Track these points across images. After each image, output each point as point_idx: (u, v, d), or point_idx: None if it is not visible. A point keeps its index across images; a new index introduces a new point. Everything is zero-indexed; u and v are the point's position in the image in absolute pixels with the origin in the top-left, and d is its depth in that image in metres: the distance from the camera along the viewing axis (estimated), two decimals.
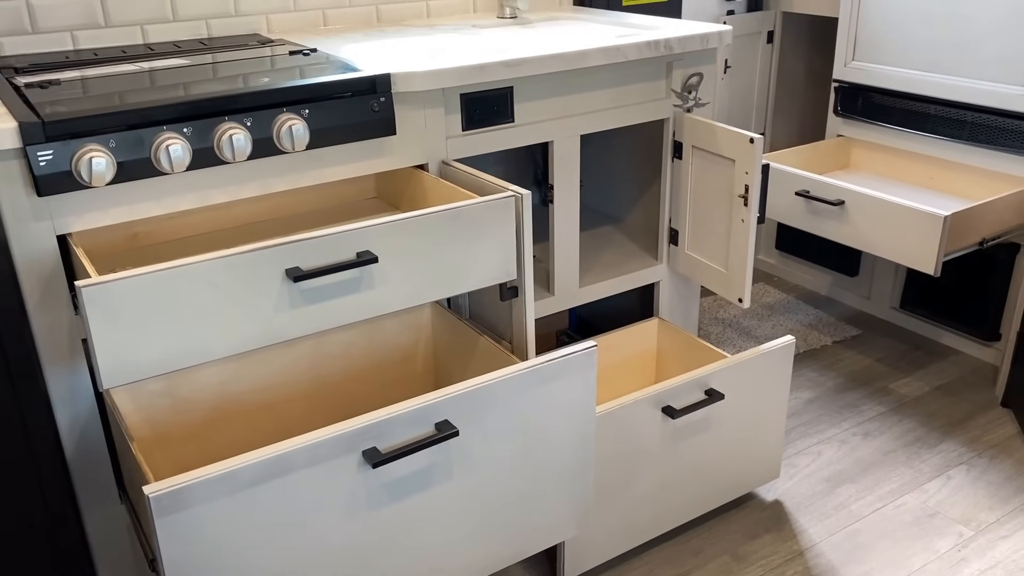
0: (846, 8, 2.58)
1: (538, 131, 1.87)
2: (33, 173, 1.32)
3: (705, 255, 2.06)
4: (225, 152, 1.45)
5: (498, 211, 1.52)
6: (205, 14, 2.01)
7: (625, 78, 1.95)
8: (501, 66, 1.72)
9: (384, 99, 1.61)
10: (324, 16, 2.16)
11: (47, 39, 1.85)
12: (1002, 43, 2.23)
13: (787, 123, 3.14)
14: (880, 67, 2.54)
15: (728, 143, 1.90)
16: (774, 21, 2.94)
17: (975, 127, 2.36)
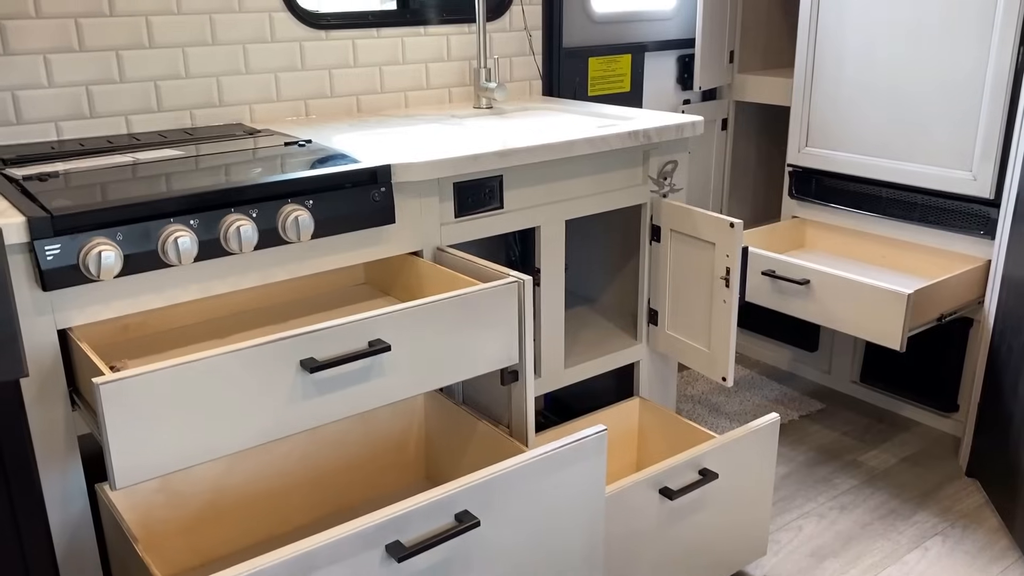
0: (798, 98, 2.74)
1: (526, 217, 1.91)
2: (39, 267, 1.29)
3: (686, 335, 2.11)
4: (231, 243, 1.44)
5: (502, 297, 1.54)
6: (189, 104, 2.02)
7: (606, 166, 2.02)
8: (494, 156, 1.77)
9: (384, 189, 1.63)
10: (306, 106, 2.19)
11: (31, 129, 1.83)
12: (948, 130, 2.39)
13: (741, 204, 3.27)
14: (832, 152, 2.68)
15: (708, 227, 1.97)
16: (728, 109, 3.09)
17: (925, 209, 2.50)
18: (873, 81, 2.53)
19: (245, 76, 2.07)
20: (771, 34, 3.14)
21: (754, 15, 3.04)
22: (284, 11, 2.10)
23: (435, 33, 2.38)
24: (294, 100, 2.17)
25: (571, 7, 2.62)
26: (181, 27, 1.96)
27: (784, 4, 3.11)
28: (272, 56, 2.10)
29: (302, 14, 2.13)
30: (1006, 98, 2.25)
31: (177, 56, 1.97)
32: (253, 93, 2.10)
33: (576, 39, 2.67)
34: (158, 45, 1.94)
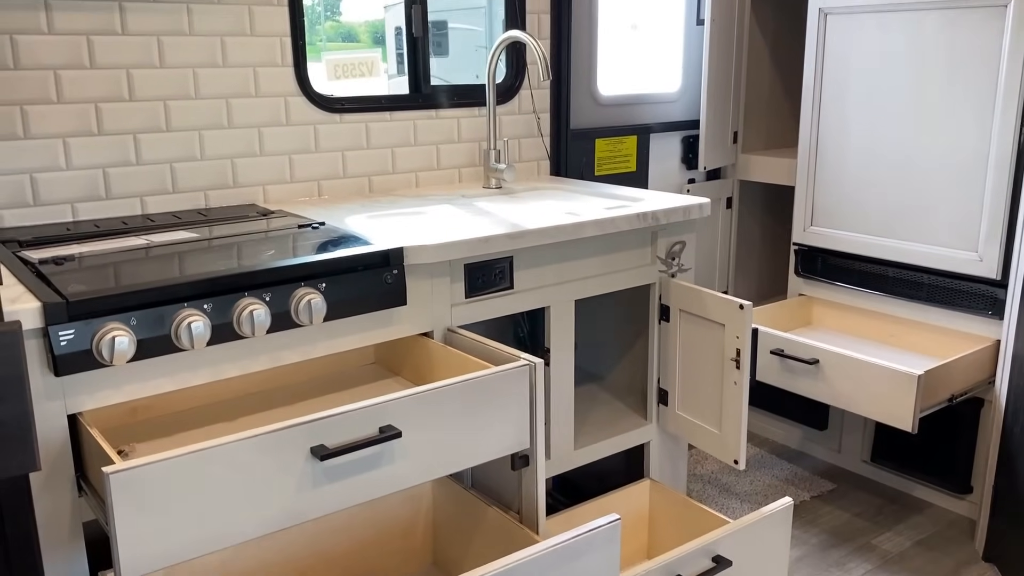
0: (802, 178, 2.77)
1: (536, 297, 1.92)
2: (52, 353, 1.29)
3: (697, 416, 2.09)
4: (244, 328, 1.44)
5: (513, 380, 1.54)
6: (204, 185, 2.05)
7: (615, 246, 2.03)
8: (504, 238, 1.79)
9: (396, 271, 1.64)
10: (319, 187, 2.22)
11: (48, 211, 1.85)
12: (951, 211, 2.41)
13: (747, 281, 3.28)
14: (837, 232, 2.70)
15: (717, 308, 1.98)
16: (732, 188, 3.13)
17: (932, 288, 2.51)
18: (877, 162, 2.57)
19: (260, 158, 2.11)
20: (773, 115, 3.20)
21: (757, 96, 3.10)
22: (300, 96, 2.14)
23: (446, 116, 2.43)
24: (307, 181, 2.20)
25: (578, 91, 2.68)
26: (199, 111, 2.00)
27: (786, 86, 3.18)
28: (287, 139, 2.14)
29: (317, 99, 2.17)
30: (1009, 179, 2.28)
31: (193, 139, 2.01)
32: (267, 174, 2.13)
33: (583, 121, 2.72)
34: (175, 128, 1.98)
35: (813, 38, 2.66)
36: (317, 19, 4.42)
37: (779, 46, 3.12)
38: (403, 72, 2.43)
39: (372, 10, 4.27)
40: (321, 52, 4.41)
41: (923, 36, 2.40)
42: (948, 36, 2.34)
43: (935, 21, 2.37)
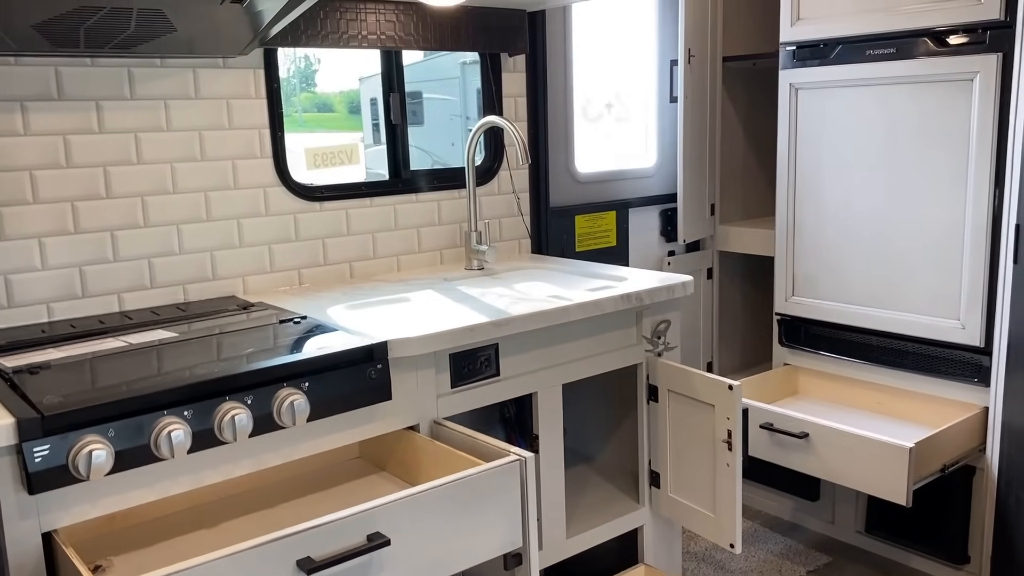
0: (781, 249, 2.79)
1: (523, 383, 1.89)
2: (26, 470, 1.24)
3: (690, 498, 2.06)
4: (226, 433, 1.40)
5: (504, 477, 1.50)
6: (183, 279, 2.02)
7: (600, 328, 2.02)
8: (490, 326, 1.77)
9: (380, 366, 1.62)
10: (300, 275, 2.20)
11: (22, 312, 1.82)
12: (931, 280, 2.43)
13: (731, 350, 3.28)
14: (819, 302, 2.71)
15: (706, 389, 1.96)
16: (712, 259, 3.14)
17: (916, 357, 2.51)
18: (854, 232, 2.59)
19: (239, 249, 2.09)
20: (749, 185, 3.24)
21: (732, 168, 3.14)
22: (279, 186, 2.14)
23: (427, 199, 2.43)
24: (288, 270, 2.18)
25: (556, 169, 2.70)
26: (177, 205, 1.99)
27: (760, 156, 3.23)
28: (266, 229, 2.13)
29: (296, 188, 2.17)
30: (986, 247, 2.30)
31: (172, 233, 1.99)
32: (247, 265, 2.11)
33: (562, 199, 2.74)
34: (153, 224, 1.96)
35: (785, 112, 2.71)
36: (293, 91, 4.46)
37: (751, 118, 3.17)
38: (379, 141, 2.44)
39: (347, 81, 4.31)
40: (297, 123, 4.44)
41: (894, 109, 2.45)
42: (918, 108, 2.39)
43: (905, 94, 2.42)
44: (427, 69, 4.01)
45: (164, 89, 1.94)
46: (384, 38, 2.20)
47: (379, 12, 2.17)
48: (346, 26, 2.13)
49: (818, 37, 2.59)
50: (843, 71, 2.54)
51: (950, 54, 2.31)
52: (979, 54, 2.25)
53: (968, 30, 2.26)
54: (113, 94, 1.88)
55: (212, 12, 1.69)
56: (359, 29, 2.15)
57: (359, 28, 2.15)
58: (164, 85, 1.94)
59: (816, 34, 2.59)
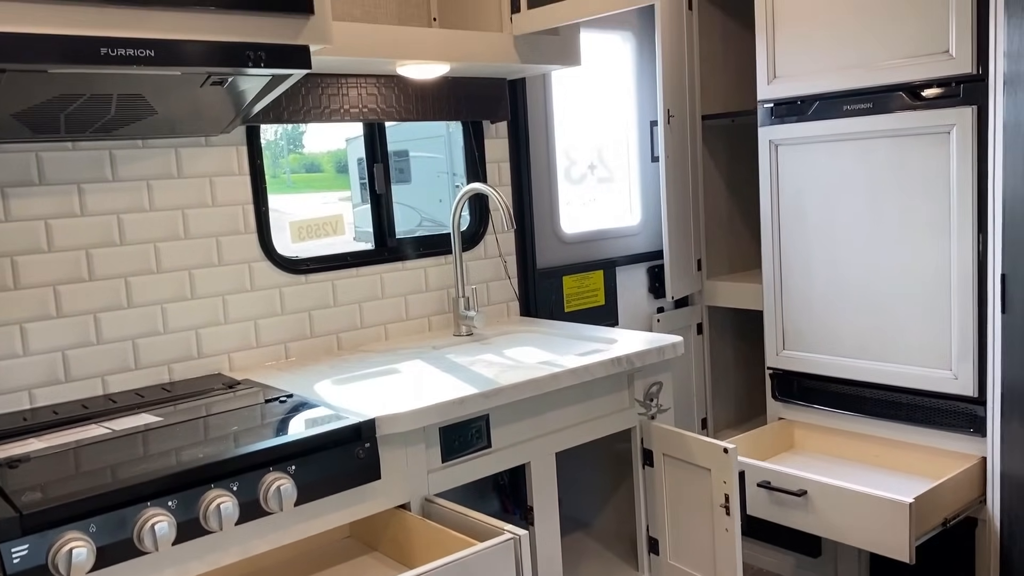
0: (769, 303, 2.79)
1: (515, 454, 1.87)
2: (4, 571, 1.20)
3: (690, 564, 2.01)
4: (211, 522, 1.37)
5: (498, 557, 1.47)
6: (168, 359, 1.99)
7: (592, 393, 2.00)
8: (479, 397, 1.75)
9: (369, 444, 1.59)
10: (286, 349, 2.18)
11: (3, 400, 1.78)
12: (921, 330, 2.43)
13: (725, 406, 3.25)
14: (810, 355, 2.70)
15: (702, 452, 1.93)
16: (701, 314, 3.14)
17: (911, 408, 2.49)
18: (842, 284, 2.59)
19: (224, 326, 2.07)
20: (734, 239, 3.25)
21: (716, 223, 3.16)
22: (264, 260, 2.13)
23: (413, 267, 2.43)
24: (274, 344, 2.16)
25: (542, 231, 2.71)
26: (161, 285, 1.98)
27: (743, 210, 3.24)
28: (252, 304, 2.11)
29: (282, 262, 2.16)
30: (974, 296, 2.30)
31: (156, 313, 1.97)
32: (232, 342, 2.09)
33: (549, 260, 2.74)
34: (137, 304, 1.95)
35: (766, 168, 2.73)
36: (280, 152, 4.48)
37: (733, 173, 3.20)
38: (366, 200, 2.43)
39: (334, 141, 4.35)
40: (286, 185, 4.46)
41: (874, 162, 2.47)
42: (898, 161, 2.42)
43: (884, 148, 2.44)
44: (413, 128, 4.06)
45: (146, 170, 1.95)
46: (366, 111, 2.21)
47: (360, 86, 2.19)
48: (328, 101, 2.14)
49: (795, 94, 2.63)
50: (821, 127, 2.57)
51: (926, 108, 2.34)
52: (954, 107, 2.28)
53: (943, 84, 2.30)
54: (95, 177, 1.88)
55: (194, 94, 1.70)
56: (341, 103, 2.16)
57: (341, 102, 2.16)
58: (146, 166, 1.94)
59: (793, 91, 2.63)
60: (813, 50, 2.55)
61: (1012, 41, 2.04)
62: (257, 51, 1.58)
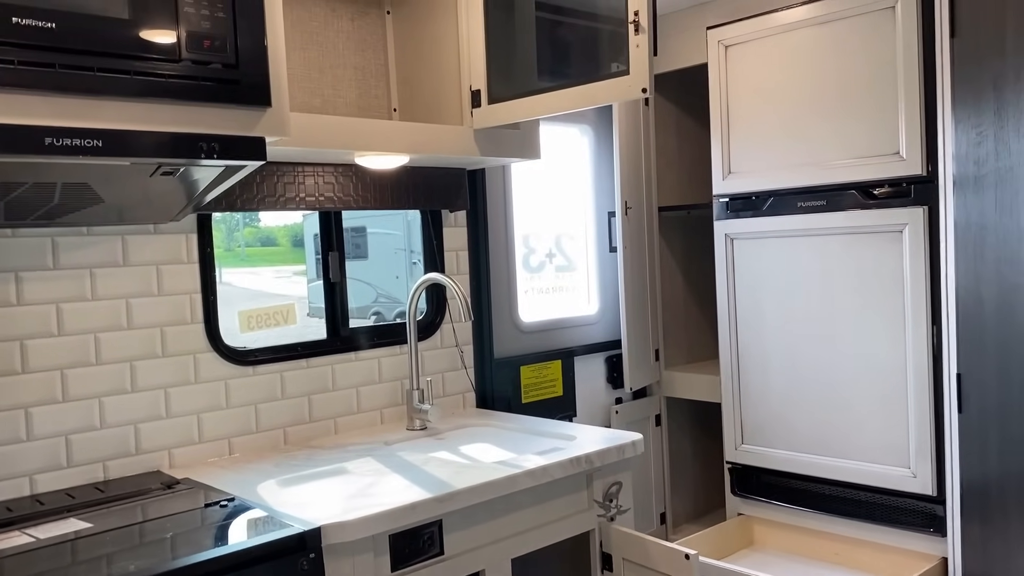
0: (727, 396, 2.77)
1: (469, 561, 1.78)
2: None
3: None
4: None
5: None
6: (103, 456, 1.88)
7: (549, 494, 1.93)
8: (432, 502, 1.67)
9: (314, 555, 1.50)
10: (230, 444, 2.08)
11: None
12: (878, 427, 2.42)
13: (684, 500, 3.20)
14: (769, 450, 2.67)
15: (662, 558, 1.87)
16: (660, 406, 3.10)
17: (870, 506, 2.46)
18: (800, 378, 2.59)
19: (165, 420, 1.97)
20: (692, 328, 3.25)
21: (674, 313, 3.16)
22: (210, 351, 2.05)
23: (366, 357, 2.36)
24: (217, 440, 2.06)
25: (500, 320, 2.67)
26: (99, 377, 1.88)
27: (700, 299, 3.25)
28: (195, 397, 2.02)
29: (228, 353, 2.08)
30: (930, 393, 2.31)
31: (93, 407, 1.87)
32: (173, 437, 1.99)
33: (507, 350, 2.69)
34: (72, 398, 1.84)
35: (723, 262, 2.75)
36: (236, 226, 4.41)
37: (689, 263, 3.22)
38: (321, 275, 2.37)
39: (291, 216, 4.31)
40: (241, 258, 4.37)
41: (828, 258, 2.50)
42: (852, 257, 2.44)
43: (838, 244, 2.47)
44: None
45: (90, 257, 1.87)
46: (323, 199, 2.18)
47: (318, 174, 2.16)
48: (283, 189, 2.10)
49: (749, 190, 2.66)
50: (776, 222, 2.60)
51: (879, 207, 2.38)
52: (906, 207, 2.33)
53: (894, 184, 2.35)
54: (35, 264, 1.80)
55: (143, 183, 1.65)
56: (297, 192, 2.13)
57: (297, 191, 2.13)
58: (90, 253, 1.87)
59: (747, 187, 2.67)
60: (767, 147, 2.60)
61: (959, 144, 2.10)
62: (210, 142, 1.54)
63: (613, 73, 1.83)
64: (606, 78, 1.84)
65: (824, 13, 2.43)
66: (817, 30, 2.45)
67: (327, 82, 2.28)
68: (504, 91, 2.09)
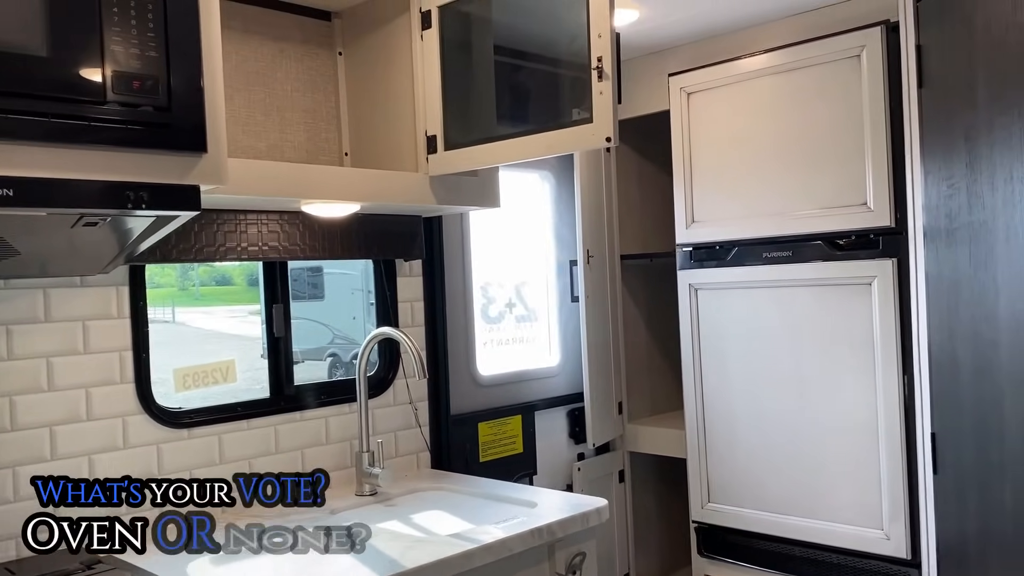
0: (693, 452, 2.66)
1: None
2: None
3: None
4: None
5: None
6: (14, 532, 1.70)
7: (508, 568, 1.80)
8: None
9: None
10: None
11: None
12: (850, 486, 2.32)
13: (648, 558, 3.08)
14: (737, 509, 2.56)
15: None
16: (623, 461, 2.99)
17: (842, 569, 2.36)
18: (767, 435, 2.49)
19: None
20: (656, 377, 3.16)
21: (636, 364, 3.06)
22: (141, 413, 1.89)
23: (312, 416, 2.21)
24: None
25: (457, 375, 2.54)
26: (15, 445, 1.72)
27: (664, 349, 3.16)
28: (124, 463, 1.86)
29: (161, 415, 1.92)
30: (902, 452, 2.23)
31: (6, 478, 1.70)
32: None
33: (464, 405, 2.56)
34: None
35: (687, 312, 2.66)
36: (191, 264, 4.24)
37: (652, 311, 3.13)
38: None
39: None
40: (195, 298, 4.19)
41: (795, 310, 2.42)
42: (820, 309, 2.37)
43: (806, 296, 2.40)
44: None
45: (7, 313, 1.72)
46: (267, 249, 2.05)
47: (261, 222, 2.03)
48: (224, 238, 1.97)
49: (713, 239, 2.59)
50: (741, 272, 2.53)
51: (846, 259, 2.32)
52: (874, 259, 2.27)
53: (861, 235, 2.28)
54: None
55: (65, 234, 1.50)
56: (238, 241, 1.99)
57: (238, 240, 1.99)
58: (7, 308, 1.72)
59: (711, 236, 2.59)
60: (731, 196, 2.53)
61: (930, 196, 2.04)
62: (138, 191, 1.40)
63: (576, 121, 1.74)
64: (569, 125, 1.75)
65: (788, 61, 2.38)
66: (782, 78, 2.41)
67: (274, 125, 2.16)
68: (461, 137, 1.99)
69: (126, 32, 1.37)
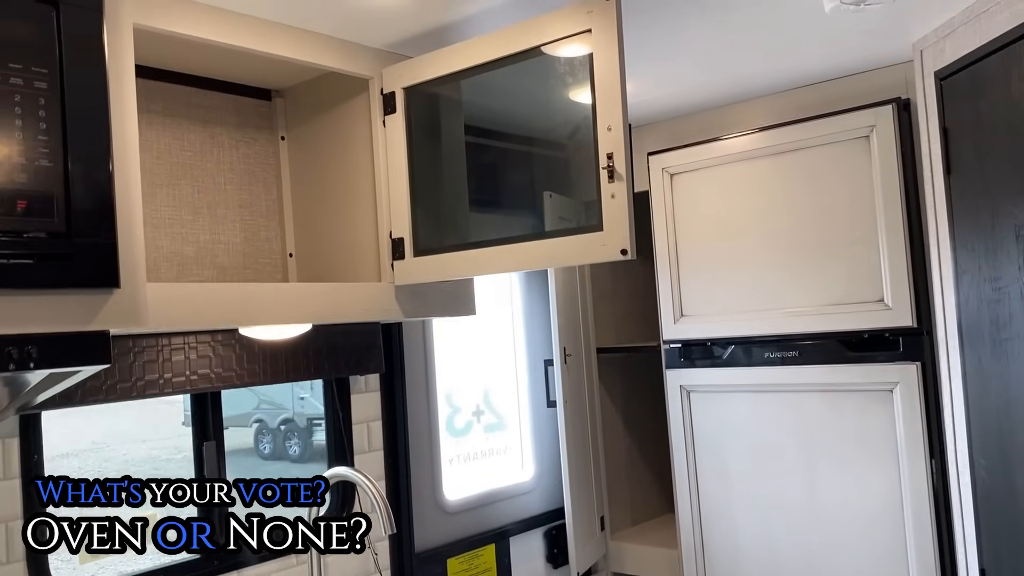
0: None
1: None
2: None
3: None
4: None
5: None
6: None
7: None
8: None
9: None
10: None
11: None
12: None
13: None
14: None
15: None
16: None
17: None
18: (778, 558, 2.20)
19: None
20: (636, 484, 2.86)
21: (617, 470, 2.76)
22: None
23: (251, 575, 1.82)
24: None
25: (421, 504, 2.18)
26: None
27: (643, 450, 2.87)
28: None
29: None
30: (933, 531, 1.95)
31: None
32: None
33: (430, 539, 2.20)
34: None
35: (678, 417, 2.37)
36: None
37: (629, 409, 2.84)
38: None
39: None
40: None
41: (806, 417, 2.15)
42: (836, 417, 2.11)
43: (817, 402, 2.14)
44: None
45: None
46: (195, 379, 1.67)
47: (189, 347, 1.66)
48: (142, 370, 1.59)
49: (705, 336, 2.32)
50: (740, 374, 2.26)
51: (862, 361, 2.07)
52: (895, 362, 2.02)
53: (876, 335, 2.04)
54: None
55: None
56: (161, 372, 1.62)
57: (161, 370, 1.62)
58: None
59: (703, 333, 2.32)
60: (724, 288, 2.27)
61: (967, 299, 1.80)
62: (24, 346, 1.04)
63: (580, 228, 1.44)
64: (571, 233, 1.45)
65: (786, 141, 2.15)
66: (779, 159, 2.17)
67: (203, 225, 1.81)
68: (434, 240, 1.67)
69: (8, 136, 1.03)
